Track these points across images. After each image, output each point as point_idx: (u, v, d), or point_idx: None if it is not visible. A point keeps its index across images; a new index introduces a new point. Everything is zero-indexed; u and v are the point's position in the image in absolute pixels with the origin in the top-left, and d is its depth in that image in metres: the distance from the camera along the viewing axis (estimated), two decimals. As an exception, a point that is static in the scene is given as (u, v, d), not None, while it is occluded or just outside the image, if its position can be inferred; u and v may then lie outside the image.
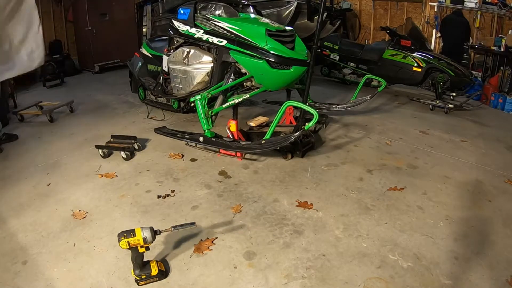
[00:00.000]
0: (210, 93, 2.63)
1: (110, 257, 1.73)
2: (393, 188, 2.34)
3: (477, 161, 2.77)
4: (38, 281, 1.59)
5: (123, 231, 1.49)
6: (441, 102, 4.02)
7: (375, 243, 1.83)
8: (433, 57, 4.23)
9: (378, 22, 6.43)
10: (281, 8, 3.35)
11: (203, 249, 1.75)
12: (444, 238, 1.87)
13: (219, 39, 2.59)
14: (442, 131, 3.39)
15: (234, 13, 2.71)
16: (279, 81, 2.60)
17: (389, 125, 3.53)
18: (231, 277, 1.61)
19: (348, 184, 2.40)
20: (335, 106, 3.59)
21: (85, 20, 5.56)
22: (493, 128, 3.56)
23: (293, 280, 1.60)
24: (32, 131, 3.40)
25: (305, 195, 2.25)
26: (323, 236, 1.88)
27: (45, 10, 6.14)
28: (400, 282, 1.58)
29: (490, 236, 1.90)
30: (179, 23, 2.79)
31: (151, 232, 1.50)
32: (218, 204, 2.16)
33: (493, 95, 4.35)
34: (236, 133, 2.69)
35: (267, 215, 2.06)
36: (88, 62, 5.91)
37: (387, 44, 4.54)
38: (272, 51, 2.44)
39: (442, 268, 1.66)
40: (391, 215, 2.07)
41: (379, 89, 3.50)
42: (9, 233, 1.89)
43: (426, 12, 5.74)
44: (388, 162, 2.72)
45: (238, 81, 2.66)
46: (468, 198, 2.27)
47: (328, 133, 3.27)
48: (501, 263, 1.69)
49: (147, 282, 1.55)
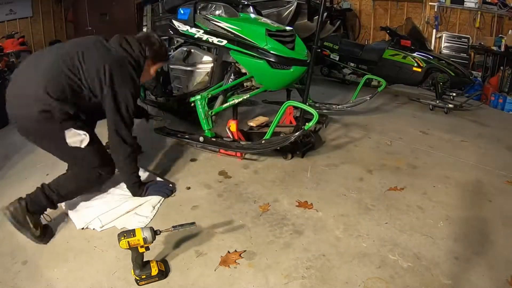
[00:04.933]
0: (210, 93, 2.63)
1: (110, 257, 1.73)
2: (393, 188, 2.34)
3: (477, 161, 2.77)
4: (38, 281, 1.59)
5: (123, 231, 1.49)
6: (441, 102, 4.03)
7: (375, 243, 1.83)
8: (433, 57, 4.23)
9: (378, 22, 6.43)
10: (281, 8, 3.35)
11: (230, 262, 1.69)
12: (444, 238, 1.87)
13: (219, 39, 2.59)
14: (442, 131, 3.39)
15: (234, 13, 2.71)
16: (279, 81, 2.60)
17: (389, 125, 3.53)
18: (231, 277, 1.61)
19: (348, 184, 2.40)
20: (335, 106, 3.59)
21: (85, 20, 5.57)
22: (493, 128, 3.56)
23: (293, 280, 1.60)
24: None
25: (305, 195, 2.25)
26: (323, 236, 1.89)
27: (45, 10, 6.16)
28: (400, 282, 1.58)
29: (490, 236, 1.90)
30: (179, 23, 2.78)
31: (151, 232, 1.50)
32: (218, 204, 2.16)
33: (493, 95, 4.36)
34: (236, 133, 2.69)
35: (267, 215, 2.06)
36: (88, 62, 5.91)
37: (387, 44, 4.54)
38: (272, 51, 2.44)
39: (442, 268, 1.66)
40: (391, 215, 2.07)
41: (379, 89, 3.50)
42: (9, 233, 1.89)
43: (426, 12, 5.74)
44: (388, 162, 2.72)
45: (238, 81, 2.66)
46: (468, 198, 2.27)
47: (328, 133, 3.27)
48: (501, 263, 1.69)
49: (147, 282, 1.55)
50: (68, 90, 1.82)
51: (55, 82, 1.78)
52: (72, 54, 1.87)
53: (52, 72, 1.80)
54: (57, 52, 1.90)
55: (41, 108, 1.74)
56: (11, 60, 4.75)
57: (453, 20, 5.63)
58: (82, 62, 1.86)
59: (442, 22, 5.64)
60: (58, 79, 1.79)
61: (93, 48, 1.94)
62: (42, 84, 1.75)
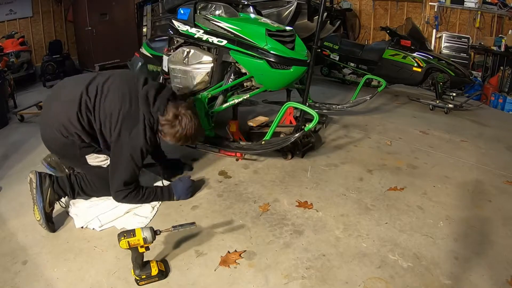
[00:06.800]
0: (210, 93, 2.63)
1: (110, 257, 1.73)
2: (393, 188, 2.34)
3: (477, 161, 2.77)
4: (38, 281, 1.59)
5: (123, 231, 1.49)
6: (441, 102, 4.03)
7: (375, 243, 1.83)
8: (433, 57, 4.23)
9: (378, 22, 6.43)
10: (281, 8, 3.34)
11: (230, 262, 1.69)
12: (444, 238, 1.87)
13: (219, 39, 2.58)
14: (442, 131, 3.40)
15: (234, 13, 2.70)
16: (279, 81, 2.60)
17: (389, 125, 3.53)
18: (231, 277, 1.61)
19: (348, 184, 2.40)
20: (335, 106, 3.59)
21: (85, 20, 5.55)
22: (493, 128, 3.56)
23: (293, 280, 1.60)
24: (32, 131, 3.39)
25: (305, 195, 2.25)
26: (323, 236, 1.89)
27: (45, 10, 6.16)
28: (400, 282, 1.58)
29: (490, 236, 1.90)
30: (179, 23, 2.78)
31: (151, 232, 1.49)
32: (218, 204, 2.16)
33: (493, 95, 4.36)
34: (236, 133, 2.69)
35: (267, 215, 2.06)
36: (88, 62, 5.91)
37: (387, 44, 4.54)
38: (272, 51, 2.44)
39: (442, 268, 1.66)
40: (391, 215, 2.07)
41: (379, 89, 3.50)
42: (9, 233, 1.89)
43: (426, 12, 5.74)
44: (388, 162, 2.73)
45: (238, 81, 2.66)
46: (468, 198, 2.27)
47: (328, 133, 3.27)
48: (501, 263, 1.69)
49: (147, 282, 1.55)
50: (86, 123, 1.87)
51: (75, 116, 1.84)
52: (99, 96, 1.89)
53: (75, 107, 1.84)
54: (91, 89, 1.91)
55: (64, 135, 1.86)
56: (11, 60, 4.74)
57: (453, 20, 5.63)
58: (102, 102, 1.88)
59: (442, 22, 5.64)
60: (79, 114, 1.85)
61: (121, 91, 1.90)
62: (64, 115, 1.85)
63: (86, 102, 1.86)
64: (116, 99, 1.88)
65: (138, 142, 1.88)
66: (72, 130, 1.85)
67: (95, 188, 2.04)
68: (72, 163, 2.05)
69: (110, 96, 1.89)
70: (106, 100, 1.88)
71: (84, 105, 1.85)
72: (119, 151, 1.88)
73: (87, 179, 2.03)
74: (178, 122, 1.90)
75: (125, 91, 1.91)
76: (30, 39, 5.86)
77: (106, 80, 1.94)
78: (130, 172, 1.92)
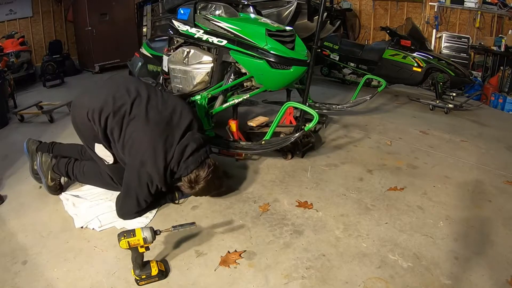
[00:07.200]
0: (210, 93, 2.63)
1: (110, 257, 1.73)
2: (393, 188, 2.34)
3: (477, 161, 2.77)
4: (38, 281, 1.59)
5: (123, 231, 1.49)
6: (441, 102, 4.02)
7: (375, 243, 1.83)
8: (433, 57, 4.23)
9: (378, 22, 6.43)
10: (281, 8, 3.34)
11: (230, 262, 1.69)
12: (444, 238, 1.87)
13: (219, 39, 2.58)
14: (442, 131, 3.39)
15: (234, 13, 2.70)
16: (279, 81, 2.60)
17: (389, 125, 3.53)
18: (231, 277, 1.61)
19: (348, 184, 2.40)
20: (335, 106, 3.59)
21: (85, 20, 5.56)
22: (493, 128, 3.56)
23: (293, 280, 1.60)
24: (32, 131, 3.39)
25: (305, 195, 2.25)
26: (323, 236, 1.89)
27: (45, 10, 6.17)
28: (400, 282, 1.58)
29: (490, 236, 1.90)
30: (179, 23, 2.78)
31: (151, 232, 1.50)
32: (218, 204, 2.16)
33: (493, 95, 4.36)
34: (236, 133, 2.69)
35: (267, 215, 2.06)
36: (88, 62, 5.92)
37: (387, 44, 4.54)
38: (272, 51, 2.44)
39: (442, 268, 1.66)
40: (391, 215, 2.07)
41: (379, 89, 3.50)
42: (9, 233, 1.89)
43: (426, 12, 5.74)
44: (388, 162, 2.73)
45: (238, 81, 2.66)
46: (468, 198, 2.27)
47: (328, 133, 3.27)
48: (501, 263, 1.69)
49: (147, 282, 1.55)
50: (110, 129, 1.92)
51: (105, 115, 1.90)
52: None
53: (109, 108, 1.89)
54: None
55: (89, 118, 1.91)
56: (11, 60, 4.75)
57: (453, 20, 5.63)
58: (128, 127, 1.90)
59: (442, 22, 5.64)
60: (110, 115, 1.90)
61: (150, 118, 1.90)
62: (99, 106, 1.89)
63: (124, 113, 1.89)
64: (150, 133, 1.87)
65: (156, 177, 1.88)
66: (97, 120, 1.88)
67: (86, 180, 2.24)
68: (83, 139, 2.07)
69: (147, 129, 1.88)
70: (140, 131, 1.87)
71: (119, 115, 1.88)
72: (136, 178, 1.88)
73: (83, 171, 2.19)
74: (196, 185, 1.97)
75: (161, 127, 1.89)
76: (30, 39, 5.87)
77: (148, 102, 1.94)
78: (142, 202, 1.95)
